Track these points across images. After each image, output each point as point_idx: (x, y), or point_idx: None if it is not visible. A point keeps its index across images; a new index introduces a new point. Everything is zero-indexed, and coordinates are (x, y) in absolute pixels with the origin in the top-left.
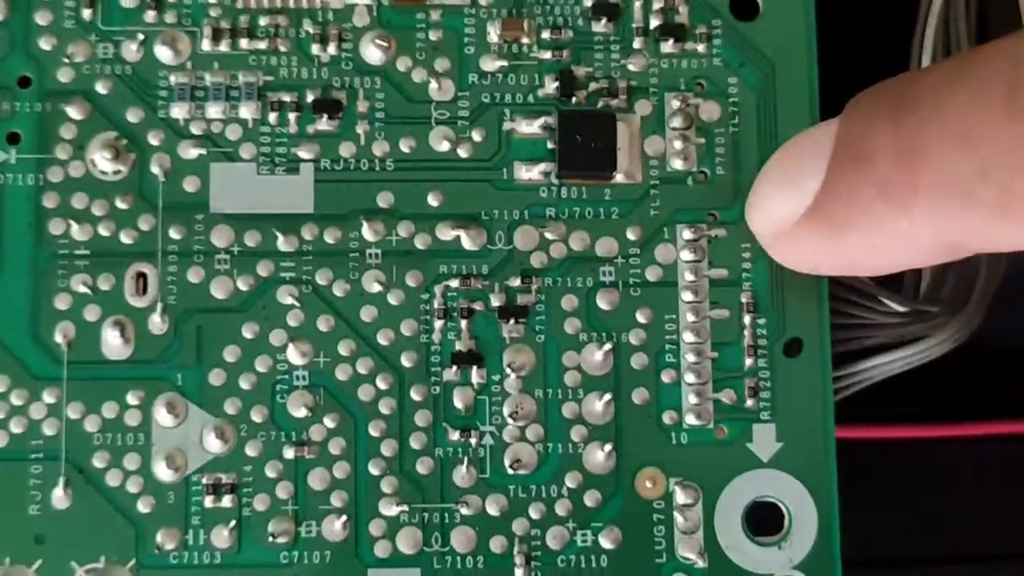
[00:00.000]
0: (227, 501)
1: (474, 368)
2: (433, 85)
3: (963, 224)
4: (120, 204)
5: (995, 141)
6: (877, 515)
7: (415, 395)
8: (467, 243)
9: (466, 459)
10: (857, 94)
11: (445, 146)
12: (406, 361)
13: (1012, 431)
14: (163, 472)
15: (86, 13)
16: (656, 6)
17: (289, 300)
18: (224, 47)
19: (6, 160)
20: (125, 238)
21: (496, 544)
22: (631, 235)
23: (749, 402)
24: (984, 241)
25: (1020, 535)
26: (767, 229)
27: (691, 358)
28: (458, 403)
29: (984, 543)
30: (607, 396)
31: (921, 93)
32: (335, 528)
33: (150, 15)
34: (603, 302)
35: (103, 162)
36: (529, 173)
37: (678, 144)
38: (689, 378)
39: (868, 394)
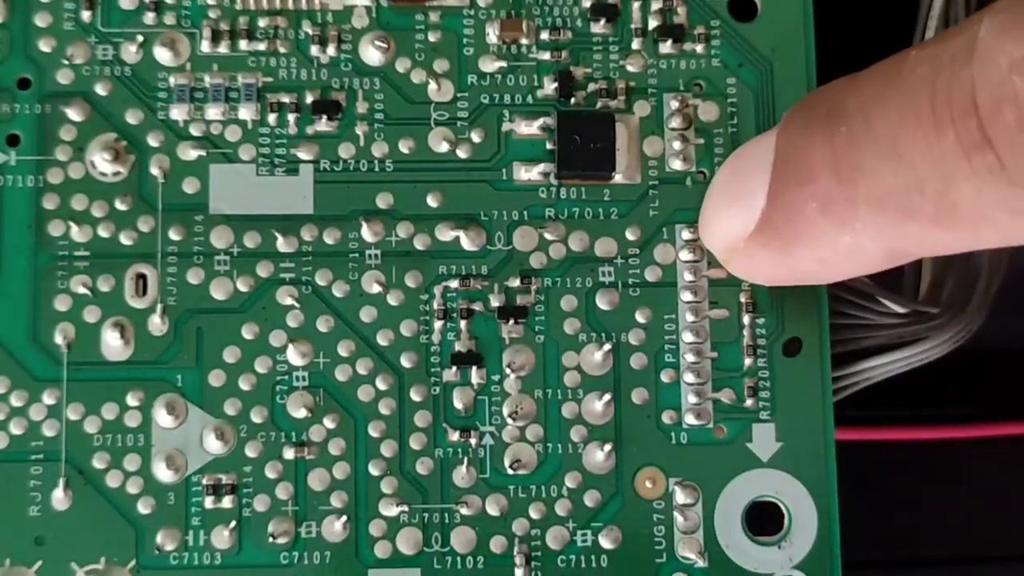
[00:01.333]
0: (227, 502)
1: (474, 368)
2: (432, 86)
3: (904, 235)
4: (120, 205)
5: (925, 153)
6: (877, 517)
7: (415, 395)
8: (466, 244)
9: (466, 459)
10: (793, 105)
11: (444, 147)
12: (406, 362)
13: (1012, 433)
14: (163, 473)
15: (85, 15)
16: (654, 7)
17: (289, 301)
18: (223, 48)
19: (6, 162)
20: (125, 239)
21: (496, 544)
22: (630, 235)
23: (749, 402)
24: (928, 249)
25: (1020, 536)
26: (720, 246)
27: (690, 358)
28: (458, 403)
29: (984, 544)
30: (607, 396)
31: (850, 105)
32: (335, 528)
33: (149, 17)
34: (603, 302)
35: (103, 163)
36: (528, 174)
37: (677, 144)
38: (688, 378)
39: (867, 396)
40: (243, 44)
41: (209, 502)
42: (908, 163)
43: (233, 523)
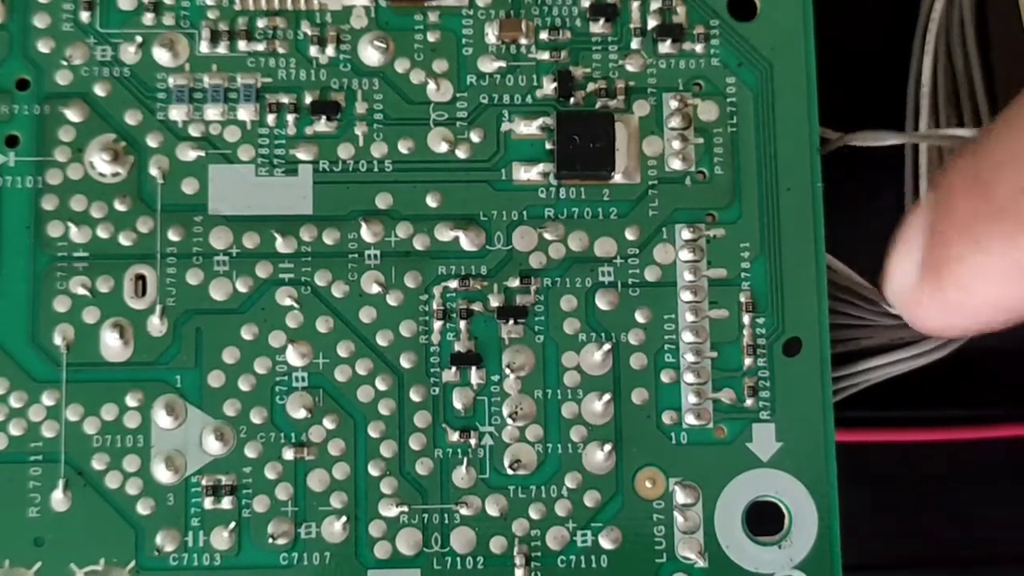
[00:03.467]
0: (227, 503)
1: (473, 369)
2: (431, 86)
3: None
4: (119, 206)
5: None
6: (877, 517)
7: (414, 396)
8: (466, 244)
9: (466, 460)
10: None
11: (444, 147)
12: (405, 362)
13: (1012, 434)
14: (162, 474)
15: (84, 16)
16: (654, 6)
17: (288, 301)
18: (222, 49)
19: (5, 163)
20: (124, 240)
21: (496, 545)
22: (630, 235)
23: (748, 402)
24: None
25: (1021, 537)
26: (896, 300)
27: (690, 358)
28: (457, 404)
29: (985, 544)
30: (607, 396)
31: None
32: (335, 529)
33: (148, 17)
34: (602, 302)
35: (102, 164)
36: (528, 174)
37: (676, 144)
38: (688, 378)
39: (867, 396)
40: (242, 45)
41: (209, 503)
42: None
43: (233, 524)
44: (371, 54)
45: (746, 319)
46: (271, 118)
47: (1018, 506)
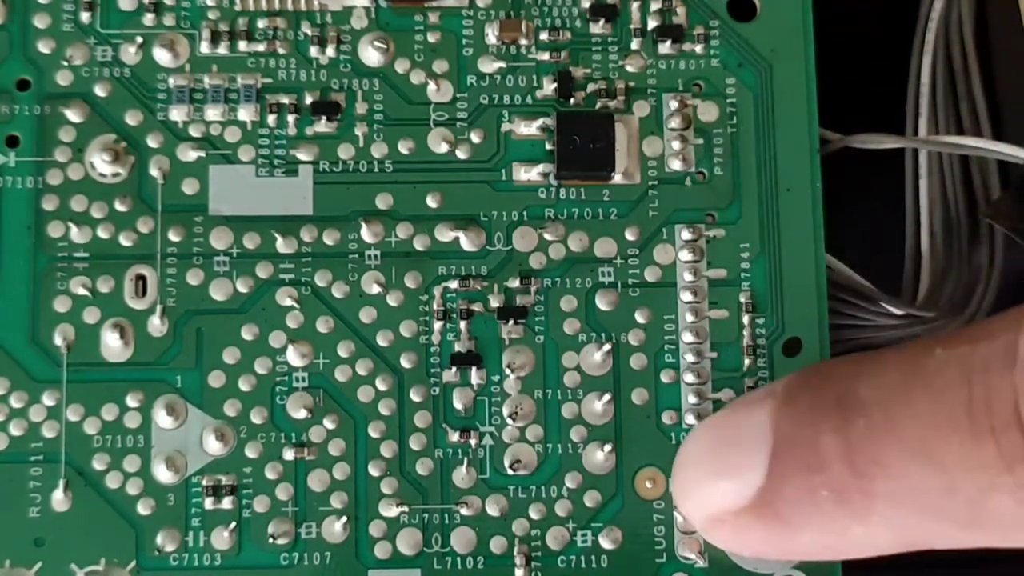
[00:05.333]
0: (227, 503)
1: (473, 369)
2: (431, 87)
3: (927, 532)
4: (119, 206)
5: (961, 461)
6: None
7: (415, 396)
8: (466, 244)
9: (466, 460)
10: (787, 380)
11: (444, 147)
12: (405, 362)
13: None
14: (163, 474)
15: (84, 16)
16: (654, 7)
17: (288, 302)
18: (223, 49)
19: (5, 163)
20: (124, 240)
21: (496, 545)
22: (630, 236)
23: None
24: (950, 544)
25: None
26: (701, 517)
27: (690, 358)
28: (458, 404)
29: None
30: (607, 396)
31: (866, 395)
32: (335, 529)
33: (148, 18)
34: (602, 302)
35: (102, 164)
36: (528, 174)
37: (676, 145)
38: (688, 378)
39: None
40: (242, 45)
41: (209, 503)
42: (940, 467)
43: (233, 524)
44: (371, 55)
45: (746, 319)
46: (271, 118)
47: None
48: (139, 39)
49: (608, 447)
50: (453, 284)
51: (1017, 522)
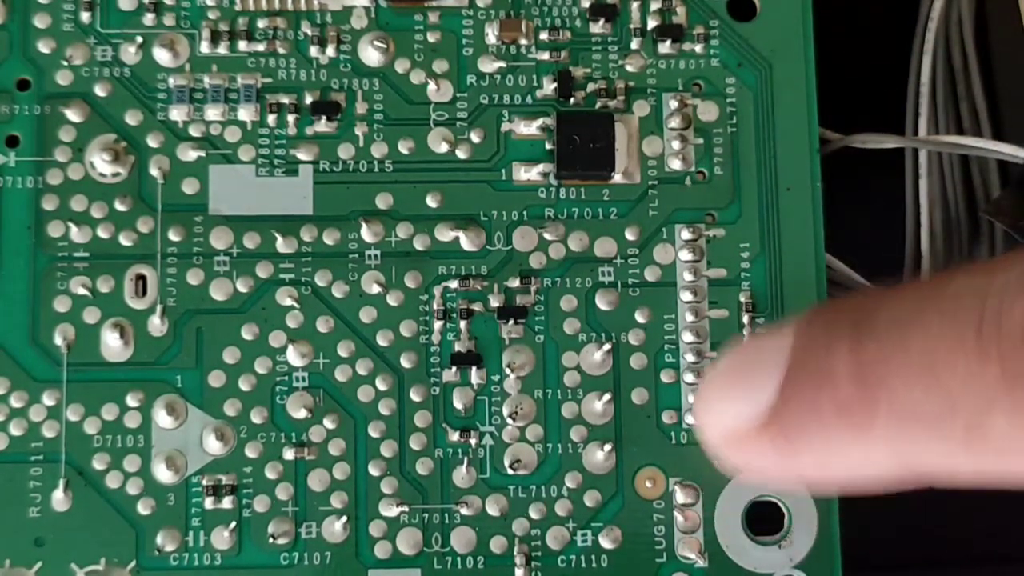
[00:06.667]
0: (227, 502)
1: (473, 369)
2: (431, 86)
3: (924, 453)
4: (119, 206)
5: (964, 380)
6: (877, 518)
7: (415, 396)
8: (466, 244)
9: (466, 460)
10: (808, 311)
11: (444, 147)
12: (405, 362)
13: None
14: (163, 474)
15: (84, 16)
16: (653, 7)
17: (288, 301)
18: (223, 49)
19: (5, 163)
20: (124, 240)
21: (496, 544)
22: (630, 235)
23: None
24: (947, 468)
25: (1021, 537)
26: (717, 432)
27: (690, 358)
28: (458, 404)
29: (985, 545)
30: (607, 396)
31: (882, 320)
32: (335, 529)
33: (148, 18)
34: (602, 302)
35: (102, 164)
36: (528, 174)
37: (676, 144)
38: (688, 378)
39: None
40: (242, 45)
41: (209, 503)
42: (943, 386)
43: (233, 524)
44: (371, 54)
45: (746, 319)
46: (271, 118)
47: (1018, 506)
48: (139, 39)
49: (608, 447)
50: (453, 284)
51: (1011, 446)
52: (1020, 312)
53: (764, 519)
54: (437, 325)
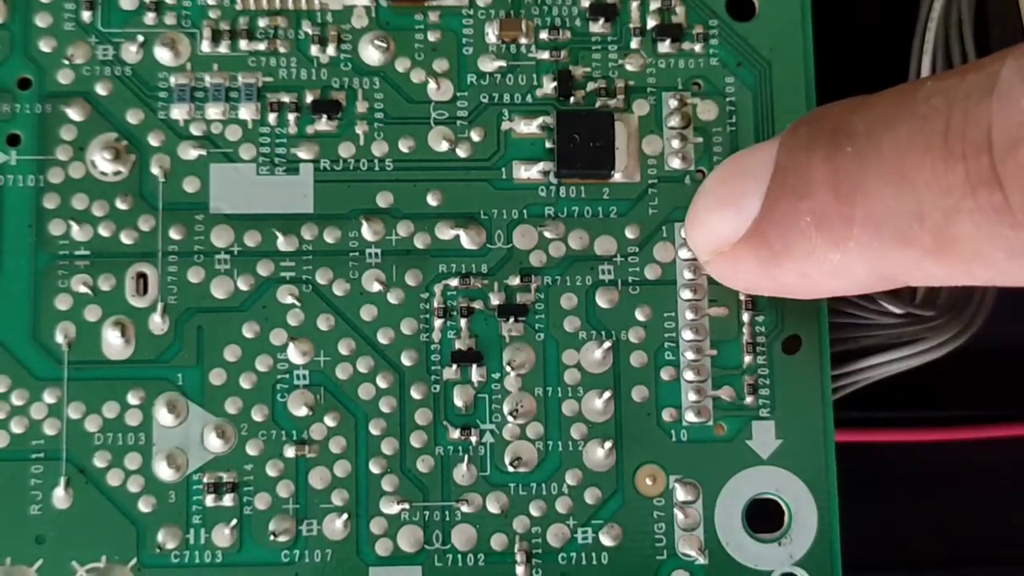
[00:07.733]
0: (228, 500)
1: (474, 366)
2: (432, 85)
3: (896, 260)
4: (120, 205)
5: (931, 183)
6: (877, 518)
7: (415, 394)
8: (466, 242)
9: (466, 457)
10: (793, 122)
11: (444, 146)
12: (406, 360)
13: (1012, 434)
14: (164, 471)
15: (86, 15)
16: (653, 6)
17: (289, 300)
18: (223, 48)
19: (6, 161)
20: (125, 239)
21: (497, 542)
22: (630, 234)
23: (748, 399)
24: (918, 277)
25: (1021, 537)
26: (705, 246)
27: (690, 356)
28: (458, 401)
29: (984, 545)
30: (607, 394)
31: (858, 127)
32: (336, 527)
33: (149, 17)
34: (602, 300)
35: (103, 163)
36: (528, 172)
37: (676, 143)
38: (688, 375)
39: (867, 397)
40: (243, 44)
41: (210, 500)
42: (911, 189)
43: (234, 521)
44: (372, 53)
45: (746, 317)
46: (272, 117)
47: (1018, 506)
48: (140, 38)
49: (608, 444)
50: (453, 282)
51: (978, 250)
52: (985, 116)
53: (764, 516)
54: (437, 323)
